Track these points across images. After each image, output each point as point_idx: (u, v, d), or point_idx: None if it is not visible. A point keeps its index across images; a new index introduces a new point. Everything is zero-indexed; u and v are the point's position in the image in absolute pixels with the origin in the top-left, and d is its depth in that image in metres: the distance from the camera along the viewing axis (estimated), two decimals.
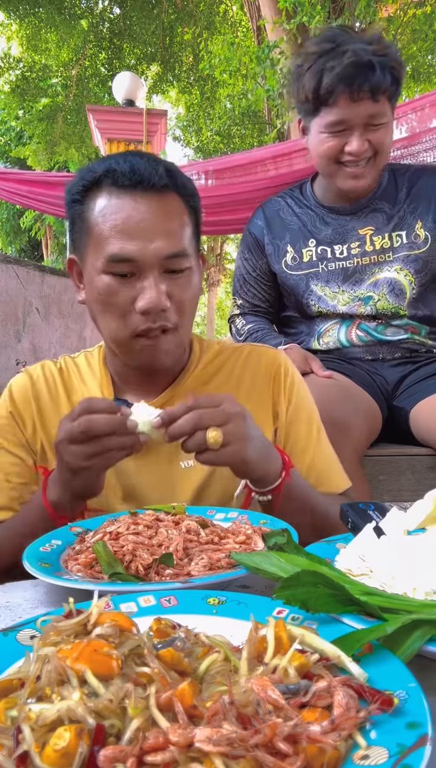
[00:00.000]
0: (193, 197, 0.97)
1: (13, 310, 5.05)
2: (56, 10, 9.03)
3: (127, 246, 0.88)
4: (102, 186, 0.91)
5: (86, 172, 0.94)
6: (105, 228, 0.89)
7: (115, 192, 0.90)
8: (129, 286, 0.89)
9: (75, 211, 0.95)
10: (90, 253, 0.93)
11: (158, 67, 9.94)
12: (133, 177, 0.89)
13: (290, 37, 5.12)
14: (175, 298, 0.91)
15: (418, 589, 0.52)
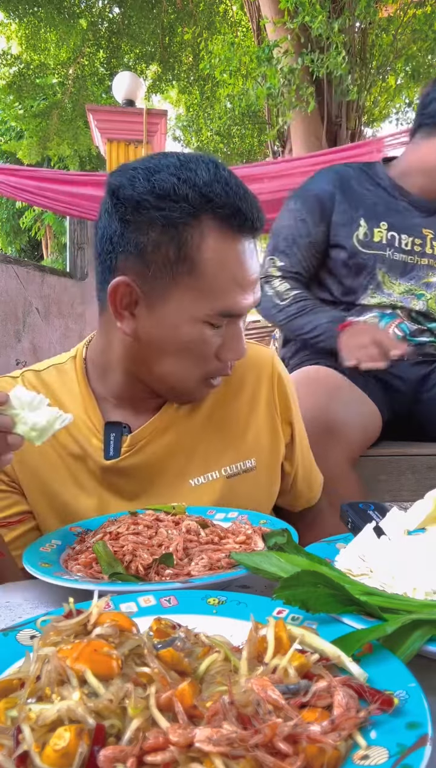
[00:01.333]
0: None
1: (13, 310, 5.05)
2: (55, 10, 9.04)
3: (243, 302, 0.81)
4: (213, 216, 0.77)
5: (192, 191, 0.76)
6: (224, 279, 0.79)
7: (230, 233, 0.78)
8: (218, 333, 0.83)
9: (165, 236, 0.78)
10: (183, 296, 0.80)
11: (158, 66, 9.94)
12: (256, 223, 0.80)
13: (293, 36, 5.12)
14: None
15: (418, 589, 0.52)
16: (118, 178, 0.81)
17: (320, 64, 4.91)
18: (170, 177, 0.77)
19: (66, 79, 10.02)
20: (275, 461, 1.00)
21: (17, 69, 9.98)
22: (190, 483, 0.93)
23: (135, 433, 0.91)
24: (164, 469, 0.93)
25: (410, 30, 5.75)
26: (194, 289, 0.79)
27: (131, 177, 0.80)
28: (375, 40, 5.83)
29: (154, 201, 0.77)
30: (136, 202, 0.78)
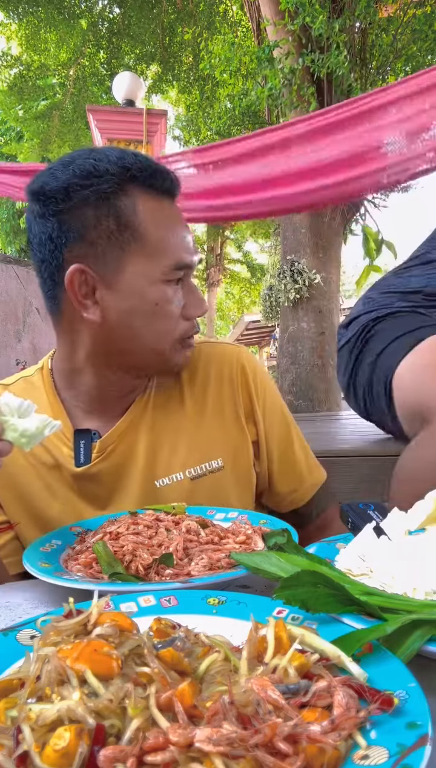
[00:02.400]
0: None
1: (13, 310, 5.05)
2: (56, 10, 9.04)
3: (189, 255, 0.88)
4: (137, 184, 0.83)
5: (111, 166, 0.81)
6: (166, 235, 0.85)
7: (156, 195, 0.85)
8: (178, 291, 0.88)
9: (100, 211, 0.81)
10: (137, 262, 0.83)
11: (158, 66, 9.94)
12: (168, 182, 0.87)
13: (294, 37, 5.12)
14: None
15: (418, 589, 0.52)
16: (38, 180, 0.85)
17: (321, 63, 4.91)
18: (86, 160, 0.83)
19: (66, 79, 10.02)
20: (246, 461, 0.98)
21: (18, 70, 9.99)
22: (156, 484, 0.93)
23: (103, 438, 0.92)
24: (131, 472, 0.93)
25: (409, 30, 5.75)
26: (143, 253, 0.84)
27: (50, 173, 0.84)
28: (375, 40, 5.82)
29: (80, 181, 0.81)
30: (64, 189, 0.81)
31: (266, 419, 1.00)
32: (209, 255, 17.15)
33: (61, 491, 0.92)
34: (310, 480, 1.05)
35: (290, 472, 1.03)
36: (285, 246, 6.24)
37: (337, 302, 6.32)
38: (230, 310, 21.82)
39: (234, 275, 18.67)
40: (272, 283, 6.47)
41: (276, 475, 1.02)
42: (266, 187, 3.13)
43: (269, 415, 1.01)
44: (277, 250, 7.88)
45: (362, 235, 5.00)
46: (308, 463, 1.06)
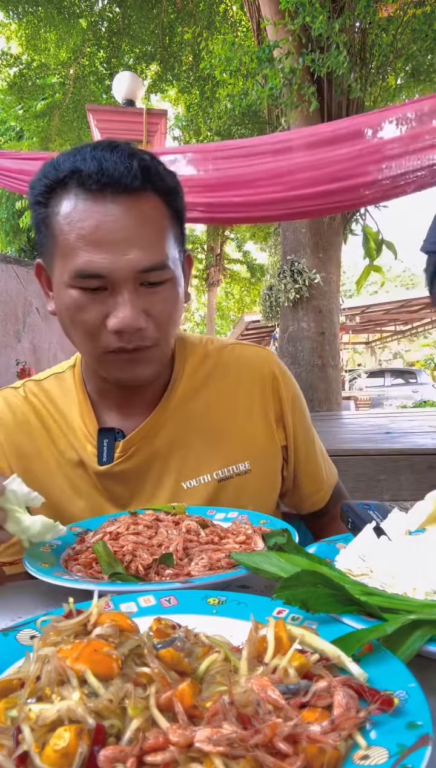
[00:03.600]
0: (175, 195, 0.85)
1: (13, 310, 5.05)
2: (55, 9, 9.04)
3: (96, 259, 0.76)
4: (68, 187, 0.78)
5: (50, 170, 0.80)
6: (71, 238, 0.77)
7: (82, 195, 0.77)
8: (99, 301, 0.79)
9: (39, 214, 0.82)
10: (57, 264, 0.81)
11: (158, 66, 9.94)
12: (102, 179, 0.76)
13: (294, 37, 5.12)
14: (155, 314, 0.81)
15: (418, 589, 0.52)
16: None
17: (321, 63, 4.91)
18: (44, 165, 0.83)
19: (66, 79, 10.02)
20: (273, 465, 0.99)
21: (18, 69, 9.99)
22: (183, 486, 0.92)
23: (127, 439, 0.91)
24: (156, 474, 0.92)
25: (409, 30, 5.75)
26: (59, 256, 0.80)
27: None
28: (375, 40, 5.82)
29: (30, 187, 0.83)
30: (29, 192, 0.84)
31: (296, 425, 1.01)
32: (209, 255, 17.15)
33: (85, 489, 0.92)
34: (329, 481, 1.08)
35: (314, 475, 1.05)
36: (285, 246, 6.24)
37: (337, 302, 6.33)
38: (229, 309, 21.83)
39: (234, 275, 18.68)
40: (272, 283, 6.47)
41: (302, 477, 1.04)
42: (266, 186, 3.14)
43: (297, 420, 1.01)
44: (277, 250, 7.88)
45: (362, 235, 4.99)
46: (326, 464, 1.09)
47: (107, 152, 0.78)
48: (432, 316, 17.30)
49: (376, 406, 14.72)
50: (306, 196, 3.10)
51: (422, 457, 1.67)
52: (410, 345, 29.32)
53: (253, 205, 3.29)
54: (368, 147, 2.88)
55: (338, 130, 2.97)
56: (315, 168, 2.98)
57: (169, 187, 0.83)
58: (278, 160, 3.07)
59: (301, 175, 3.04)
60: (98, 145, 0.80)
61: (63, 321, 0.84)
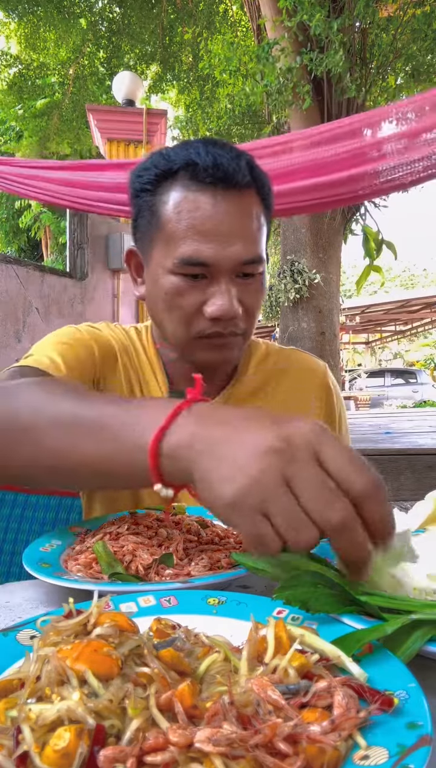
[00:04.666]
0: (269, 193, 0.90)
1: (13, 310, 5.05)
2: (55, 9, 9.03)
3: (203, 249, 0.81)
4: (178, 178, 0.84)
5: (160, 160, 0.85)
6: (180, 226, 0.82)
7: (193, 187, 0.82)
8: (199, 288, 0.84)
9: (144, 201, 0.87)
10: (158, 249, 0.86)
11: (158, 66, 9.93)
12: (217, 173, 0.81)
13: (291, 35, 5.12)
14: (246, 304, 0.87)
15: (418, 589, 0.52)
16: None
17: (319, 62, 4.91)
18: (155, 154, 0.87)
19: (66, 79, 10.02)
20: None
21: (17, 69, 9.98)
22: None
23: None
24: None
25: (409, 30, 5.74)
26: (162, 242, 0.85)
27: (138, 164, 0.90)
28: (375, 40, 5.82)
29: (138, 172, 0.88)
30: (131, 180, 0.89)
31: (342, 435, 1.08)
32: None
33: None
34: None
35: None
36: (285, 246, 6.24)
37: (337, 302, 6.33)
38: None
39: None
40: (272, 283, 6.47)
41: None
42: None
43: (344, 430, 1.08)
44: (277, 250, 7.88)
45: (362, 235, 5.00)
46: None
47: (219, 149, 0.83)
48: (432, 316, 17.30)
49: (376, 406, 14.73)
50: (302, 189, 3.10)
51: (422, 457, 1.67)
52: (410, 345, 29.32)
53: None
54: (365, 142, 2.89)
55: (335, 129, 2.98)
56: (312, 162, 2.99)
57: (266, 185, 0.89)
58: (277, 161, 3.08)
59: (297, 169, 3.05)
60: (209, 141, 0.86)
61: (156, 305, 0.89)
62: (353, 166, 2.93)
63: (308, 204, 3.32)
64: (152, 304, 0.90)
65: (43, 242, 14.75)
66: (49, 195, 3.81)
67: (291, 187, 3.13)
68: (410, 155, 2.80)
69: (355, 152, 2.91)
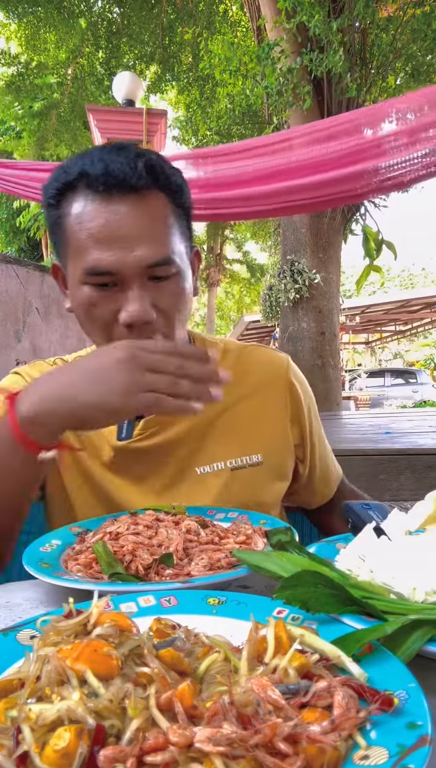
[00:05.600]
0: (181, 192, 0.88)
1: (13, 310, 5.05)
2: (55, 9, 9.03)
3: (104, 257, 0.80)
4: (77, 189, 0.83)
5: (60, 174, 0.85)
6: (81, 237, 0.81)
7: (90, 196, 0.81)
8: (110, 297, 0.83)
9: (52, 215, 0.87)
10: (70, 263, 0.86)
11: (157, 66, 9.93)
12: (109, 180, 0.80)
13: (290, 36, 5.12)
14: (163, 307, 0.85)
15: (418, 589, 0.52)
16: None
17: (319, 63, 4.91)
18: (56, 170, 0.87)
19: (65, 79, 10.01)
20: (284, 461, 1.04)
21: (16, 69, 9.98)
22: (197, 471, 0.97)
23: (149, 419, 0.95)
24: (173, 456, 0.97)
25: (409, 30, 5.74)
26: (71, 255, 0.85)
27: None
28: (375, 40, 5.82)
29: (43, 190, 0.88)
30: (43, 195, 0.89)
31: (311, 425, 1.08)
32: (209, 255, 17.14)
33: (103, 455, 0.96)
34: (336, 473, 1.16)
35: (325, 471, 1.12)
36: (285, 246, 6.24)
37: (337, 302, 6.33)
38: (229, 309, 21.82)
39: (234, 275, 18.67)
40: (272, 282, 6.47)
41: (317, 473, 1.11)
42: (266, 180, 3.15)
43: (313, 420, 1.08)
44: (277, 250, 7.88)
45: (362, 235, 4.99)
46: (332, 459, 1.16)
47: (114, 154, 0.82)
48: (432, 316, 17.30)
49: (376, 406, 14.72)
50: (301, 187, 3.10)
51: (422, 457, 1.67)
52: (410, 345, 29.32)
53: (247, 199, 3.29)
54: (364, 139, 2.89)
55: (333, 126, 2.98)
56: (311, 160, 2.99)
57: (175, 184, 0.87)
58: (276, 158, 3.08)
59: (296, 167, 3.05)
60: (105, 147, 0.85)
61: (79, 317, 0.89)
62: (351, 163, 2.94)
63: (307, 202, 3.32)
64: (77, 317, 0.89)
65: (43, 242, 14.74)
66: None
67: (290, 185, 3.13)
68: (408, 153, 2.80)
69: (353, 149, 2.91)
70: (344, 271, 17.76)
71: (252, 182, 3.19)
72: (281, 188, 3.12)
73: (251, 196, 3.27)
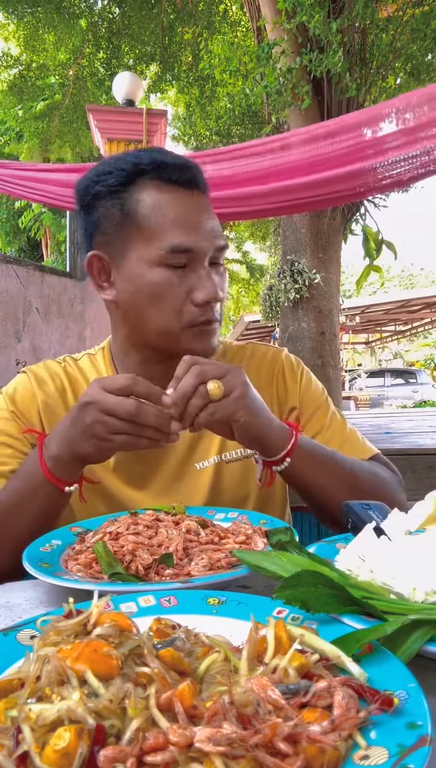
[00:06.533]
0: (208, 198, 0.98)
1: (13, 310, 5.05)
2: (55, 10, 9.02)
3: (188, 237, 0.88)
4: (150, 177, 0.90)
5: (123, 163, 0.92)
6: (164, 220, 0.88)
7: (165, 185, 0.90)
8: (184, 278, 0.89)
9: (110, 203, 0.91)
10: (137, 247, 0.90)
11: (157, 66, 9.92)
12: (184, 173, 0.90)
13: (290, 36, 5.12)
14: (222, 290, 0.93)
15: (418, 589, 0.52)
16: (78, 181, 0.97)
17: (318, 63, 4.91)
18: (107, 161, 0.95)
19: (66, 80, 10.01)
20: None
21: (17, 71, 9.98)
22: (197, 467, 0.99)
23: None
24: (173, 452, 0.99)
25: (409, 30, 5.74)
26: (142, 238, 0.89)
27: (84, 175, 0.96)
28: (374, 40, 5.82)
29: (96, 178, 0.93)
30: (85, 187, 0.94)
31: (313, 406, 1.07)
32: None
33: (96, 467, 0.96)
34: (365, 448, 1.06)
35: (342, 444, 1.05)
36: (285, 246, 6.24)
37: (337, 302, 6.32)
38: (229, 309, 21.82)
39: (233, 275, 18.67)
40: (272, 283, 6.47)
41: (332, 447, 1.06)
42: (264, 180, 3.15)
43: (316, 402, 1.08)
44: (276, 250, 7.87)
45: (362, 235, 4.99)
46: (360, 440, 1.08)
47: (169, 154, 0.93)
48: (432, 316, 17.30)
49: (376, 406, 14.72)
50: (300, 186, 3.11)
51: (422, 457, 1.67)
52: (410, 345, 29.31)
53: (247, 199, 3.30)
54: (362, 139, 2.89)
55: (331, 125, 2.99)
56: (309, 160, 3.00)
57: (208, 190, 0.98)
58: (274, 158, 3.09)
59: (294, 166, 3.05)
60: (162, 149, 0.95)
61: (139, 302, 0.91)
62: (349, 162, 2.94)
63: (306, 201, 3.32)
64: (132, 304, 0.92)
65: (43, 242, 14.75)
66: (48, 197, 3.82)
67: (288, 185, 3.13)
68: (406, 151, 2.80)
69: (351, 149, 2.92)
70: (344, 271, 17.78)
71: (251, 181, 3.19)
72: (279, 187, 3.13)
73: (250, 196, 3.28)
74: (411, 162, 2.83)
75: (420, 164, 2.83)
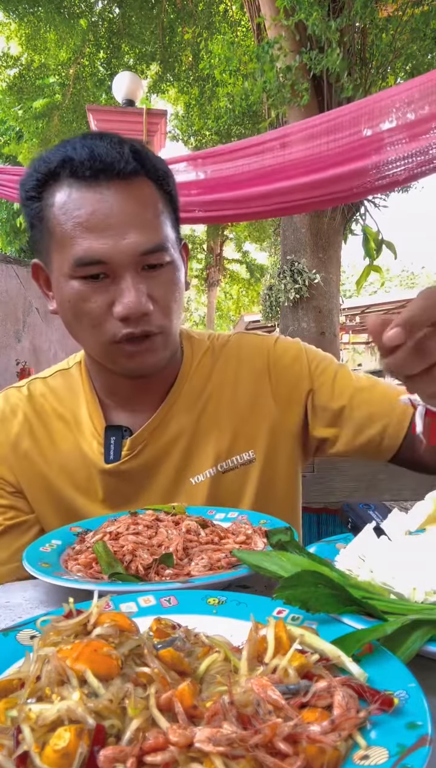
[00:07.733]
0: (167, 180, 0.84)
1: (13, 310, 5.05)
2: (55, 10, 9.03)
3: (95, 245, 0.75)
4: (60, 178, 0.78)
5: (40, 164, 0.81)
6: (68, 227, 0.76)
7: (75, 184, 0.77)
8: (102, 290, 0.78)
9: (32, 210, 0.82)
10: (55, 258, 0.80)
11: (158, 66, 9.93)
12: (95, 165, 0.76)
13: (289, 34, 5.12)
14: (158, 298, 0.80)
15: (418, 589, 0.52)
16: None
17: (318, 62, 4.91)
18: (32, 161, 0.83)
19: (66, 79, 10.01)
20: (285, 451, 0.96)
21: (17, 70, 9.98)
22: (191, 481, 0.93)
23: (134, 436, 0.91)
24: (163, 470, 0.93)
25: (408, 29, 5.74)
26: (57, 248, 0.79)
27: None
28: (374, 40, 5.82)
29: (21, 184, 0.83)
30: (20, 189, 0.84)
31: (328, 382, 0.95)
32: (209, 255, 17.14)
33: (90, 486, 0.92)
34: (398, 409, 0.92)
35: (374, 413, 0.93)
36: (285, 246, 6.24)
37: (337, 302, 6.32)
38: (229, 310, 21.81)
39: (233, 275, 18.67)
40: (272, 282, 6.47)
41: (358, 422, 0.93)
42: (263, 181, 3.16)
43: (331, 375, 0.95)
44: (276, 250, 7.87)
45: (362, 235, 4.99)
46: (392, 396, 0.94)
47: (97, 140, 0.79)
48: None
49: None
50: (299, 187, 3.11)
51: None
52: None
53: (247, 200, 3.30)
54: (360, 137, 2.90)
55: (329, 121, 2.99)
56: (307, 159, 3.00)
57: (161, 170, 0.83)
58: (274, 157, 3.09)
59: (293, 166, 3.06)
60: (87, 135, 0.81)
61: (66, 316, 0.83)
62: (347, 161, 2.94)
63: (305, 202, 3.33)
64: (63, 317, 0.84)
65: None
66: None
67: (287, 186, 3.14)
68: (404, 150, 2.81)
69: (348, 146, 2.92)
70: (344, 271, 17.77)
71: (251, 182, 3.19)
72: (279, 188, 3.13)
73: (250, 197, 3.28)
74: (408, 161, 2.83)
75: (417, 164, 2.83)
